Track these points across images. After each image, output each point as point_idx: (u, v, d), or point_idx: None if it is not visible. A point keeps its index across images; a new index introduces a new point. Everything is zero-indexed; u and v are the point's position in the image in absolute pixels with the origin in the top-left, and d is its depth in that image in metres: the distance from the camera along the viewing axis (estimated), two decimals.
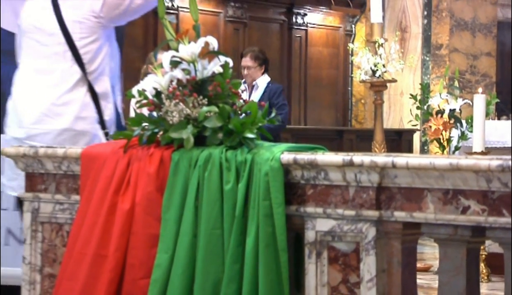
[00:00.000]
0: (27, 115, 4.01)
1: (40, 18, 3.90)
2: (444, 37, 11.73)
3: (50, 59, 3.92)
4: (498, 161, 2.93)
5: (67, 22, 3.93)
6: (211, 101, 3.62)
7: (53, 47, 3.93)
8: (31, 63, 3.92)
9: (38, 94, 3.99)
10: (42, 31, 3.87)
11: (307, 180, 3.37)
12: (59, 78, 3.94)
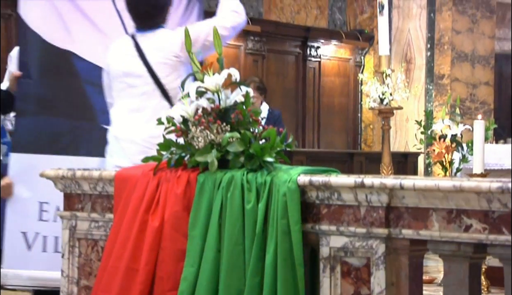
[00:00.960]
0: (130, 149, 4.07)
1: (127, 64, 3.92)
2: (446, 68, 11.70)
3: (140, 98, 3.97)
4: (498, 183, 2.91)
5: (152, 64, 3.97)
6: (234, 128, 3.62)
7: (142, 87, 3.97)
8: (124, 103, 3.97)
9: (136, 130, 4.05)
10: (131, 75, 3.92)
11: (322, 200, 3.35)
12: (151, 114, 3.96)
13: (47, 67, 4.40)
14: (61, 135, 4.42)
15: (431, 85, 11.76)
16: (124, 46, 4.01)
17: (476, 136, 6.01)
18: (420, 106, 11.63)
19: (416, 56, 11.94)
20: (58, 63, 4.34)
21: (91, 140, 4.28)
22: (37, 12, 4.15)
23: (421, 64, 11.90)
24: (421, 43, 11.93)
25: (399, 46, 12.07)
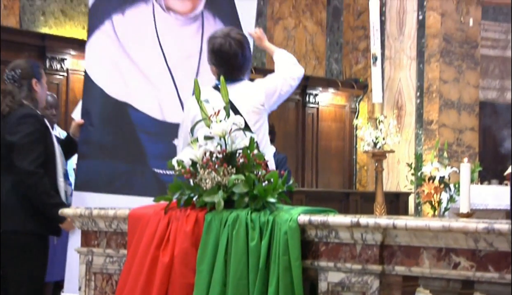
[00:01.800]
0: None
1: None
2: (434, 114, 11.72)
3: None
4: (484, 224, 2.90)
5: (243, 113, 3.96)
6: (239, 171, 3.61)
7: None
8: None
9: None
10: None
11: (320, 238, 3.34)
12: None
13: (106, 116, 4.47)
14: (117, 177, 4.48)
15: (420, 131, 11.77)
16: (212, 96, 3.94)
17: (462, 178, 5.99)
18: (411, 149, 11.63)
19: (407, 103, 11.96)
20: (116, 113, 4.41)
21: (143, 181, 4.34)
22: (100, 69, 4.25)
23: (411, 111, 11.91)
24: (411, 92, 11.96)
25: (391, 94, 12.10)
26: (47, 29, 8.91)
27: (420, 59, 11.90)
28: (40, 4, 8.89)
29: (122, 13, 4.29)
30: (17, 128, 4.08)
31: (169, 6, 4.34)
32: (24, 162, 4.04)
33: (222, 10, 4.39)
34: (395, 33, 12.14)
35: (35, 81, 4.25)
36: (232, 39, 3.94)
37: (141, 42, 4.30)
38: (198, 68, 4.36)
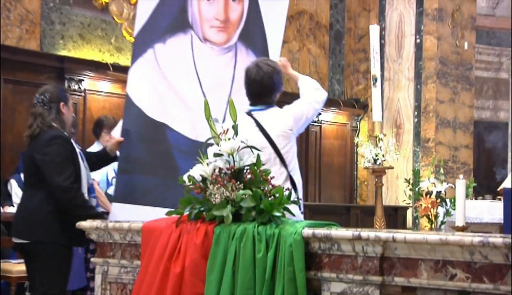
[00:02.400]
0: None
1: (251, 136, 3.92)
2: (431, 132, 11.70)
3: (264, 165, 3.90)
4: (479, 238, 2.89)
5: (273, 137, 4.03)
6: (246, 186, 3.61)
7: (265, 156, 3.95)
8: None
9: None
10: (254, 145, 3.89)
11: (324, 250, 3.33)
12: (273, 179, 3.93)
13: (145, 135, 4.53)
14: (152, 190, 4.55)
15: (418, 148, 11.75)
16: (243, 122, 4.00)
17: (458, 193, 5.98)
18: (409, 166, 11.61)
19: (405, 122, 11.95)
20: (154, 132, 4.47)
21: (176, 195, 4.37)
22: (141, 91, 4.34)
23: (409, 129, 11.90)
24: (409, 111, 11.96)
25: (390, 113, 12.09)
26: (66, 52, 8.93)
27: (418, 81, 11.90)
28: (60, 28, 8.93)
29: (163, 42, 4.41)
30: (47, 149, 4.21)
31: (206, 37, 4.46)
32: (59, 179, 4.15)
33: (254, 42, 4.49)
34: (394, 55, 12.15)
35: (63, 104, 4.38)
36: (261, 68, 4.05)
37: (179, 68, 4.40)
38: (229, 94, 4.45)
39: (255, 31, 4.49)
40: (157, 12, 4.39)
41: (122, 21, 9.59)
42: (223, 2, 4.46)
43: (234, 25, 4.48)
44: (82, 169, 4.37)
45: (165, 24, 4.41)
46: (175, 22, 4.41)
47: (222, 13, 4.45)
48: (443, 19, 11.78)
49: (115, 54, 9.50)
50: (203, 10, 4.44)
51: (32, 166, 4.30)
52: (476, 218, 7.38)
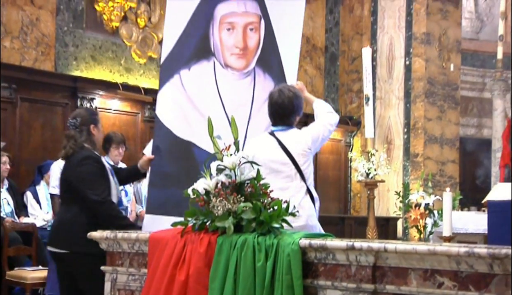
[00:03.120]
0: None
1: (273, 154, 4.07)
2: (420, 148, 11.70)
3: (285, 180, 4.09)
4: (465, 248, 2.88)
5: (294, 155, 4.12)
6: (247, 199, 3.60)
7: (287, 172, 4.10)
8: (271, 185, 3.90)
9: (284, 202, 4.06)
10: (276, 162, 4.07)
11: (319, 259, 3.31)
12: (294, 191, 4.09)
13: (174, 152, 4.61)
14: (180, 202, 4.58)
15: (407, 163, 11.74)
16: (267, 141, 4.16)
17: (445, 205, 5.96)
18: (399, 179, 11.60)
19: (395, 138, 11.95)
20: (182, 150, 4.55)
21: None
22: (169, 113, 4.48)
23: (399, 145, 11.90)
24: (399, 128, 11.96)
25: (381, 130, 12.09)
26: (78, 72, 8.94)
27: (407, 100, 11.91)
28: (73, 50, 8.95)
29: (188, 69, 4.55)
30: (81, 168, 4.33)
31: (227, 63, 4.61)
32: (94, 194, 4.26)
33: (271, 67, 4.63)
34: (385, 76, 12.16)
35: (93, 127, 4.50)
36: (283, 93, 4.18)
37: (204, 92, 4.54)
38: (250, 115, 4.61)
39: (271, 57, 4.64)
40: (181, 41, 4.54)
41: (131, 44, 9.62)
42: (242, 32, 4.61)
43: (252, 52, 4.64)
44: (112, 184, 4.47)
45: (190, 52, 4.56)
46: (198, 50, 4.56)
47: (241, 42, 4.60)
48: (430, 42, 11.81)
49: (124, 74, 9.51)
50: (224, 39, 4.60)
51: (67, 183, 4.43)
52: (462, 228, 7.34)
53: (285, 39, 4.65)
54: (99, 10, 9.28)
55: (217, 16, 4.58)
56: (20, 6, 8.32)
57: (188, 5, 4.56)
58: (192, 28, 4.55)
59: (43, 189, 7.54)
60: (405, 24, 11.92)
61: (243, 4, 4.60)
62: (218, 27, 4.59)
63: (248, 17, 4.60)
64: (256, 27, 4.62)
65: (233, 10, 4.59)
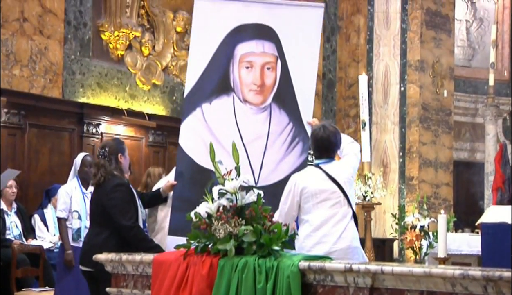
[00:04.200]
0: (329, 239, 4.19)
1: (323, 184, 4.27)
2: (415, 171, 11.68)
3: (334, 207, 4.25)
4: (460, 270, 2.87)
5: (341, 183, 4.31)
6: (248, 222, 3.61)
7: (335, 199, 4.27)
8: (321, 211, 4.24)
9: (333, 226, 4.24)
10: (327, 191, 4.26)
11: (318, 281, 3.30)
12: (341, 216, 4.25)
13: (195, 179, 4.74)
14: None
15: (403, 186, 11.72)
16: (315, 173, 4.34)
17: (440, 227, 5.93)
18: (395, 202, 11.56)
19: (391, 162, 11.94)
20: (202, 177, 4.63)
21: None
22: (191, 143, 4.72)
23: (395, 168, 11.88)
24: (395, 152, 11.95)
25: (377, 154, 12.09)
26: (85, 99, 8.96)
27: (402, 124, 11.91)
28: (80, 78, 8.97)
29: (209, 102, 4.85)
30: (113, 195, 4.55)
31: (245, 99, 4.88)
32: (124, 220, 4.47)
33: (286, 104, 4.88)
34: (381, 102, 12.19)
35: (120, 155, 4.72)
36: (327, 128, 4.42)
37: (223, 124, 4.81)
38: (265, 146, 4.82)
39: (286, 94, 4.89)
40: (204, 77, 4.85)
41: (136, 71, 9.65)
42: (260, 70, 4.90)
43: (269, 89, 4.91)
44: (138, 209, 4.68)
45: (211, 87, 4.87)
46: (219, 86, 4.86)
47: (259, 79, 4.88)
48: (424, 69, 11.85)
49: (129, 100, 9.53)
50: (243, 76, 4.90)
51: (98, 208, 4.65)
52: (456, 250, 7.31)
53: (300, 79, 4.90)
54: (105, 39, 9.32)
55: (237, 55, 4.89)
56: (29, 36, 8.36)
57: (210, 46, 4.87)
58: (214, 66, 4.85)
59: (50, 212, 7.53)
60: (400, 52, 11.96)
61: (262, 45, 4.88)
62: (238, 65, 4.89)
63: (265, 57, 4.89)
64: (273, 67, 4.89)
65: (252, 50, 4.89)
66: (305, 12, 4.94)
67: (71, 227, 6.41)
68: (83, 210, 6.41)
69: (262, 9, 4.90)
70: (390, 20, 12.03)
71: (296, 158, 4.87)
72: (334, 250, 4.11)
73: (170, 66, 10.09)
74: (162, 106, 9.90)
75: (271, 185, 4.72)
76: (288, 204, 4.28)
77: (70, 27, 8.86)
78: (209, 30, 4.89)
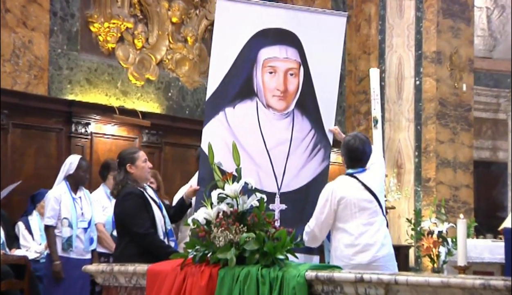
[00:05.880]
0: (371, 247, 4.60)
1: (360, 194, 4.67)
2: (432, 172, 11.68)
3: (371, 215, 4.65)
4: (480, 280, 2.86)
5: (376, 192, 4.72)
6: (250, 229, 3.61)
7: (373, 208, 4.68)
8: (359, 221, 4.63)
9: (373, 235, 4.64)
10: (365, 200, 4.66)
11: (327, 293, 3.31)
12: (379, 225, 4.68)
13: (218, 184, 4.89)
14: None
15: (419, 188, 11.71)
16: (351, 182, 4.74)
17: (459, 233, 5.93)
18: (410, 206, 11.56)
19: (406, 162, 11.94)
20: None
21: None
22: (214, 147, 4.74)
23: (410, 169, 11.88)
24: (410, 152, 11.95)
25: (391, 153, 12.08)
26: (73, 96, 8.97)
27: (418, 122, 11.91)
28: (67, 73, 8.98)
29: (233, 107, 5.15)
30: (122, 205, 4.92)
31: (268, 104, 5.19)
32: (136, 228, 4.75)
33: (308, 110, 5.21)
34: (394, 97, 12.19)
35: (129, 165, 5.06)
36: (361, 139, 4.81)
37: (247, 129, 5.13)
38: (288, 152, 5.15)
39: (309, 101, 5.22)
40: (226, 81, 5.15)
41: (128, 66, 9.66)
42: (283, 76, 5.21)
43: (292, 95, 5.23)
44: (157, 216, 4.93)
45: (235, 91, 5.17)
46: (243, 90, 5.16)
47: (282, 85, 5.20)
48: (441, 61, 11.85)
49: (121, 98, 9.55)
50: (266, 81, 5.20)
51: (116, 219, 5.08)
52: (477, 257, 7.32)
53: (322, 86, 5.24)
54: (94, 31, 9.34)
55: (260, 59, 5.20)
56: (12, 28, 8.37)
57: (233, 48, 5.17)
58: (237, 69, 5.16)
59: (36, 219, 7.52)
60: (415, 43, 11.96)
61: (285, 50, 5.20)
62: (261, 70, 5.21)
63: (288, 63, 5.21)
64: (296, 73, 5.22)
65: (275, 55, 5.21)
66: (328, 19, 5.31)
67: (60, 235, 6.42)
68: (74, 217, 6.42)
69: (285, 14, 5.25)
70: (404, 8, 12.03)
71: (317, 164, 5.24)
72: (378, 258, 4.56)
73: (165, 60, 10.11)
74: (157, 103, 9.91)
75: (292, 191, 5.06)
76: (325, 213, 4.62)
77: (56, 18, 8.88)
78: (232, 32, 5.20)
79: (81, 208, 6.56)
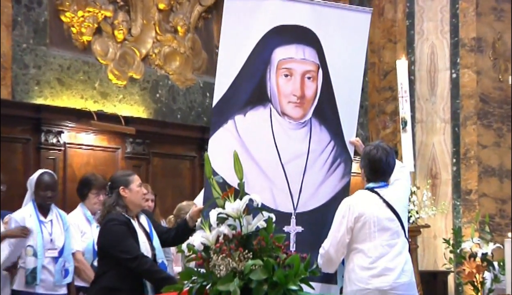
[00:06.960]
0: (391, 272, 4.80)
1: (381, 211, 4.86)
2: (473, 183, 11.69)
3: (392, 236, 4.86)
4: None
5: (398, 211, 4.89)
6: (256, 255, 3.62)
7: (395, 228, 4.87)
8: (379, 241, 4.83)
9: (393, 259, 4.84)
10: (386, 219, 4.86)
11: None
12: (401, 247, 4.87)
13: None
14: None
15: (458, 201, 11.72)
16: (371, 198, 4.94)
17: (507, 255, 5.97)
18: (448, 223, 11.57)
19: (442, 171, 11.95)
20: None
21: None
22: (222, 160, 4.94)
23: (447, 179, 11.90)
24: (446, 158, 11.97)
25: (423, 161, 12.10)
26: (42, 100, 8.99)
27: (455, 122, 11.93)
28: (34, 73, 9.00)
29: (243, 114, 5.23)
30: (103, 232, 5.17)
31: (284, 112, 5.28)
32: (124, 254, 4.97)
33: (327, 119, 5.33)
34: (426, 94, 12.21)
35: (123, 188, 5.24)
36: (384, 149, 5.02)
37: (259, 140, 5.21)
38: (305, 167, 5.24)
39: (328, 108, 5.34)
40: (236, 85, 5.24)
41: (108, 62, 9.70)
42: (300, 80, 5.31)
43: (309, 102, 5.32)
44: (144, 248, 5.10)
45: (246, 97, 5.26)
46: (255, 95, 5.27)
47: (299, 90, 5.30)
48: (482, 50, 11.87)
49: (99, 100, 9.58)
50: (281, 85, 5.30)
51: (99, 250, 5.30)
52: None
53: (343, 91, 5.36)
54: (66, 22, 9.37)
55: (275, 60, 5.29)
56: None
57: (243, 49, 5.26)
58: (248, 72, 5.26)
59: None
60: (450, 28, 11.99)
61: (302, 50, 5.30)
62: (276, 72, 5.30)
63: (306, 65, 5.32)
64: (314, 76, 5.32)
65: (291, 55, 5.31)
66: (351, 16, 5.44)
67: (23, 267, 6.41)
68: (40, 245, 6.38)
69: (302, 9, 5.33)
70: None
71: (337, 181, 5.33)
72: (397, 285, 4.73)
73: (152, 54, 10.15)
74: (142, 106, 9.94)
75: (309, 211, 5.15)
76: (341, 231, 4.79)
77: (20, 7, 8.91)
78: (242, 29, 5.29)
79: (49, 233, 6.50)
